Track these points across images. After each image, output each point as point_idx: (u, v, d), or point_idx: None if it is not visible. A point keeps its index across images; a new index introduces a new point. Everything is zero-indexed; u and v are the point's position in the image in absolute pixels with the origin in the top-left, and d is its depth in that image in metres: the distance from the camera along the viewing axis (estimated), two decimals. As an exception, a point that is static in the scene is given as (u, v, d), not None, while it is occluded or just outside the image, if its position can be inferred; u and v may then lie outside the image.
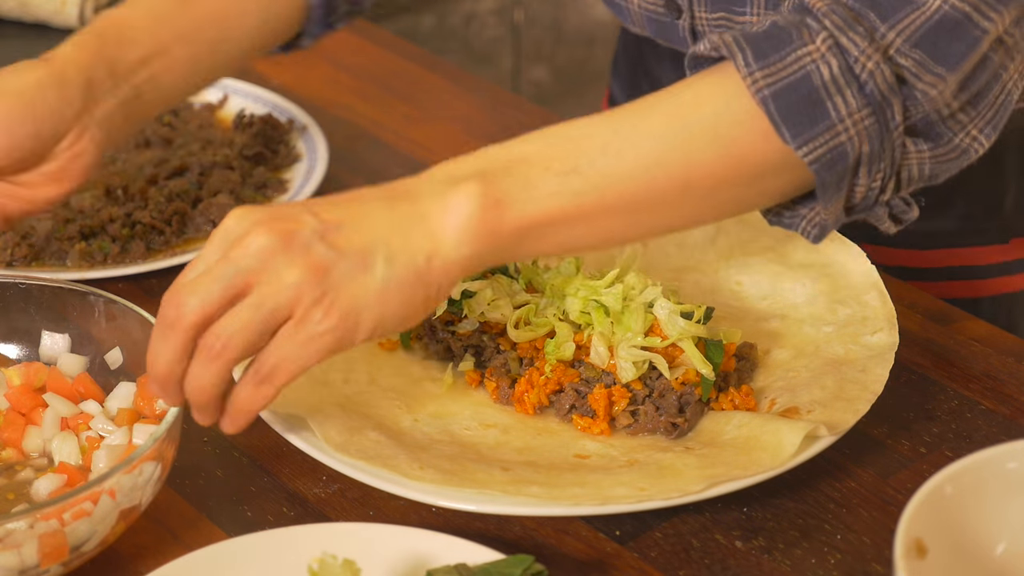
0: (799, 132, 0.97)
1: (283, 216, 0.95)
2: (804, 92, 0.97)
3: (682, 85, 1.01)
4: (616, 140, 0.99)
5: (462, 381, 1.14)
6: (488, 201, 0.96)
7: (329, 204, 0.97)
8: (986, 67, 1.00)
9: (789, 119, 0.97)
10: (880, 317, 1.13)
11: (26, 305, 1.10)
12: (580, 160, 0.98)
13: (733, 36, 0.99)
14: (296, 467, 1.06)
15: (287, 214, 0.95)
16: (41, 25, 1.74)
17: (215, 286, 0.93)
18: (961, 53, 0.98)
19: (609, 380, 1.09)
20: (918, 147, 1.00)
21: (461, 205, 0.96)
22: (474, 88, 1.58)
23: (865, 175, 1.00)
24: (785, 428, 1.02)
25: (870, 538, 1.00)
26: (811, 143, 0.97)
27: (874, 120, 0.98)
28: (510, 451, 1.06)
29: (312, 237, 0.94)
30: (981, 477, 0.90)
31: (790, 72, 0.97)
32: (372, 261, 0.94)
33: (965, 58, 0.98)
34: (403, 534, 0.96)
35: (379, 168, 1.44)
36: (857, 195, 1.01)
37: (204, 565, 0.94)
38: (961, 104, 1.00)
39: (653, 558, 0.99)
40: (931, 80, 0.98)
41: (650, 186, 0.98)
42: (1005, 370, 1.14)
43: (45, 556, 0.93)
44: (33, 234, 1.31)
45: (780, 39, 0.98)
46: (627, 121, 1.00)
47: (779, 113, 0.97)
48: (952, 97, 0.99)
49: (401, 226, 0.96)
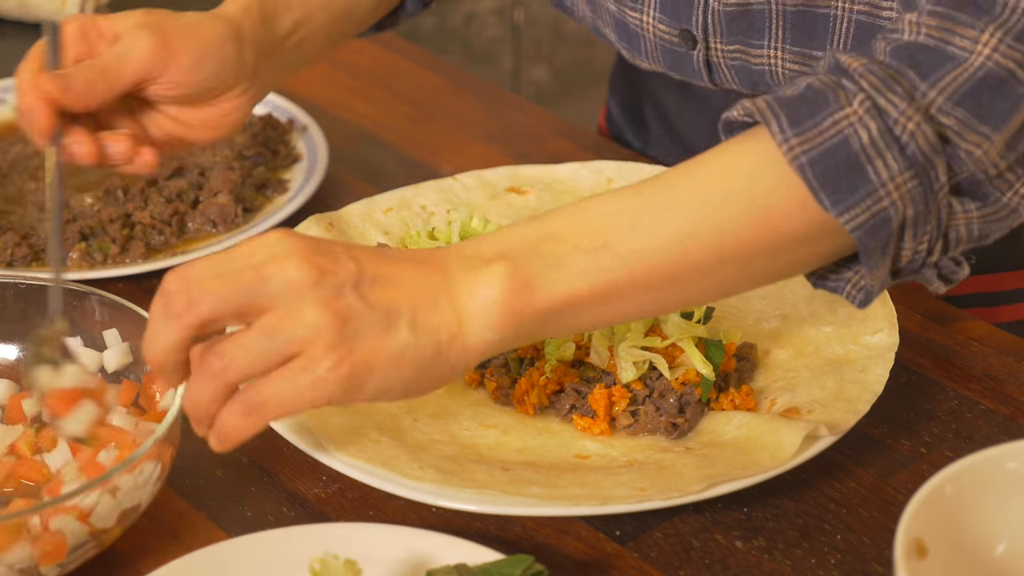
0: (840, 199, 0.93)
1: (325, 252, 0.92)
2: (843, 157, 0.93)
3: (714, 153, 0.98)
4: (647, 215, 0.95)
5: (462, 381, 1.14)
6: (516, 284, 0.93)
7: (370, 253, 0.94)
8: None
9: (828, 186, 0.93)
10: (880, 317, 1.13)
11: (26, 305, 1.10)
12: (610, 236, 0.95)
13: (767, 101, 0.96)
14: (296, 467, 1.06)
15: (330, 251, 0.93)
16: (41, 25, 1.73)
17: (234, 297, 0.90)
18: (1006, 111, 0.94)
19: (609, 380, 1.09)
20: (965, 207, 0.96)
21: (488, 288, 0.93)
22: (474, 88, 1.58)
23: (911, 238, 0.96)
24: (785, 428, 1.02)
25: (870, 538, 1.00)
26: (852, 210, 0.93)
27: (917, 183, 0.94)
28: (510, 451, 1.06)
29: (346, 282, 0.91)
30: (981, 477, 0.90)
31: (827, 137, 0.93)
32: (397, 323, 0.92)
33: (1011, 116, 0.94)
34: (403, 534, 0.96)
35: (379, 168, 1.44)
36: (903, 259, 0.97)
37: (204, 565, 0.94)
38: (1009, 164, 0.96)
39: (653, 558, 0.99)
40: (976, 140, 0.94)
41: (682, 259, 0.95)
42: (1005, 370, 1.14)
43: (44, 555, 0.93)
44: (33, 234, 1.31)
45: (816, 103, 0.94)
46: (657, 193, 0.97)
47: (817, 180, 0.93)
48: (999, 156, 0.95)
49: (432, 297, 0.93)
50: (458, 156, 1.45)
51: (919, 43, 0.95)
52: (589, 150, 1.44)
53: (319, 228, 1.21)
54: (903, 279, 1.00)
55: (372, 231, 1.24)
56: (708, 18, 1.20)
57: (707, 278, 0.97)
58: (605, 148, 1.45)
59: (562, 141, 1.47)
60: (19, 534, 0.92)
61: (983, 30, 0.94)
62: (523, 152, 1.45)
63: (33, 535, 0.93)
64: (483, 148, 1.46)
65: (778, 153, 0.94)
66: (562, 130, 1.49)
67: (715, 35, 1.21)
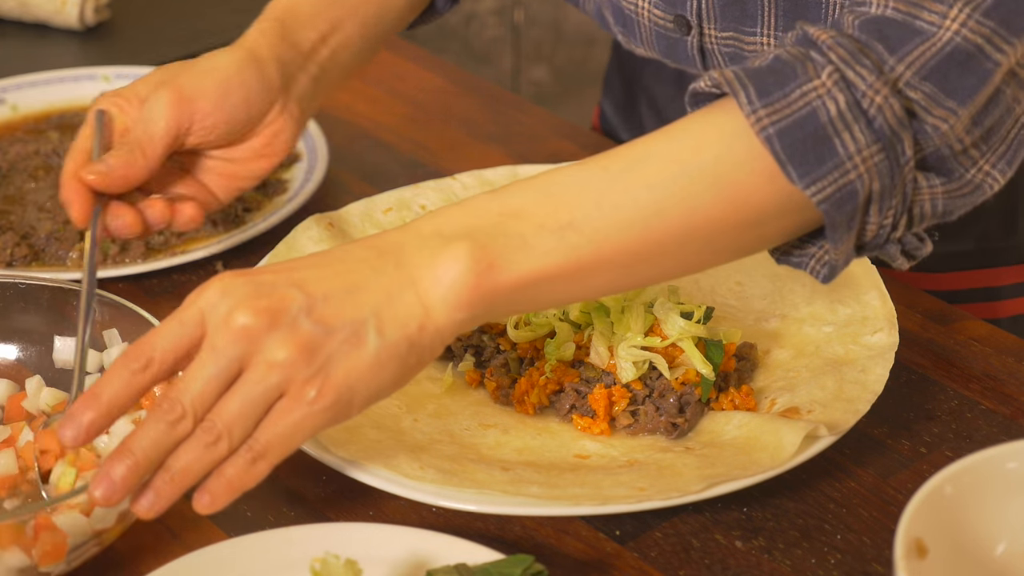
0: (806, 171, 0.93)
1: (267, 293, 0.91)
2: (811, 129, 0.93)
3: (680, 125, 0.97)
4: (612, 191, 0.95)
5: (462, 381, 1.14)
6: (480, 266, 0.92)
7: (314, 271, 0.93)
8: (999, 101, 0.96)
9: (795, 158, 0.93)
10: (880, 317, 1.13)
11: (26, 305, 1.10)
12: (575, 214, 0.94)
13: (735, 72, 0.95)
14: (296, 467, 1.06)
15: (271, 290, 0.91)
16: (41, 25, 1.74)
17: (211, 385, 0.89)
18: (973, 86, 0.94)
19: (609, 380, 1.09)
20: (930, 183, 0.97)
21: (451, 270, 0.92)
22: (474, 88, 1.58)
23: (876, 213, 0.96)
24: (785, 428, 1.02)
25: (870, 538, 1.00)
26: (820, 182, 0.93)
27: (884, 156, 0.94)
28: (510, 451, 1.06)
29: (299, 314, 0.90)
30: (981, 477, 0.90)
31: (796, 109, 0.93)
32: (364, 334, 0.91)
33: (977, 91, 0.94)
34: (403, 534, 0.96)
35: (379, 168, 1.44)
36: (868, 233, 0.97)
37: (204, 565, 0.94)
38: (974, 139, 0.97)
39: (653, 558, 0.99)
40: (942, 114, 0.94)
41: (648, 237, 0.95)
42: (1005, 370, 1.14)
43: (44, 555, 0.93)
44: (33, 234, 1.31)
45: (784, 74, 0.94)
46: (623, 168, 0.96)
47: (785, 152, 0.93)
48: (964, 132, 0.96)
49: (390, 294, 0.92)
50: (458, 156, 1.45)
51: (887, 17, 0.95)
52: (589, 150, 1.44)
53: (319, 228, 1.21)
54: (867, 254, 1.00)
55: (372, 231, 1.24)
56: (702, 4, 1.20)
57: (674, 254, 0.97)
58: (605, 147, 1.45)
59: (562, 141, 1.47)
60: (18, 534, 0.92)
61: (951, 5, 0.94)
62: (523, 152, 1.45)
63: (31, 535, 0.93)
64: (483, 148, 1.46)
65: (746, 125, 0.94)
66: (562, 130, 1.49)
67: (709, 21, 1.21)
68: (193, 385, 0.90)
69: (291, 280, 0.92)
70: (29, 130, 1.49)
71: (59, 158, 1.43)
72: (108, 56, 1.66)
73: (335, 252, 0.96)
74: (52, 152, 1.44)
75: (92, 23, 1.73)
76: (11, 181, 1.40)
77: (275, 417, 0.91)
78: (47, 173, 1.41)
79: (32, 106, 1.54)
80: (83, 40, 1.72)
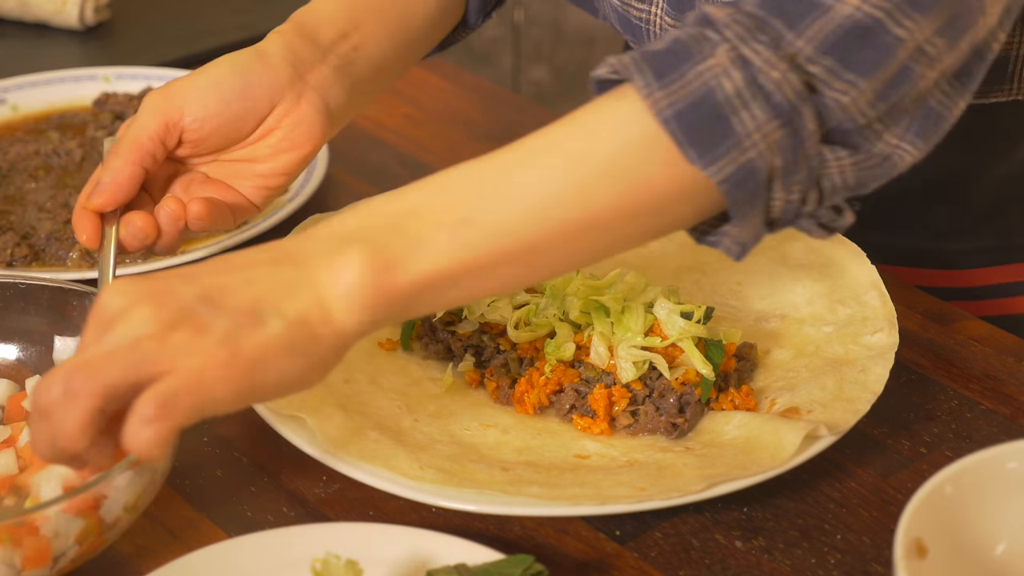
0: (704, 151, 0.92)
1: (159, 289, 0.89)
2: (707, 109, 0.91)
3: (578, 113, 0.96)
4: (508, 185, 0.93)
5: (462, 381, 1.14)
6: (377, 266, 0.90)
7: (209, 272, 0.92)
8: (906, 77, 0.94)
9: (693, 139, 0.91)
10: (880, 317, 1.13)
11: (26, 305, 1.10)
12: (472, 209, 0.92)
13: (632, 56, 0.94)
14: (296, 467, 1.06)
15: (164, 284, 0.90)
16: (41, 25, 1.74)
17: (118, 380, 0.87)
18: (874, 60, 0.93)
19: (609, 380, 1.09)
20: (837, 155, 0.95)
21: (348, 272, 0.90)
22: (474, 88, 1.58)
23: (781, 189, 0.94)
24: (785, 428, 1.02)
25: (870, 538, 1.00)
26: (718, 162, 0.92)
27: (784, 132, 0.92)
28: (510, 451, 1.06)
29: (193, 302, 0.88)
30: (981, 477, 0.90)
31: (692, 89, 0.91)
32: (265, 317, 0.89)
33: (879, 65, 0.93)
34: (403, 534, 0.96)
35: (379, 168, 1.44)
36: (775, 209, 0.96)
37: (204, 565, 0.94)
38: (879, 113, 0.95)
39: (653, 558, 0.99)
40: (842, 87, 0.93)
41: (547, 228, 0.93)
42: (1005, 370, 1.15)
43: (27, 560, 0.92)
44: (33, 234, 1.31)
45: (680, 55, 0.93)
46: (520, 161, 0.95)
47: (683, 133, 0.91)
48: (868, 105, 0.94)
49: (289, 289, 0.90)
50: (458, 156, 1.43)
51: None
52: (589, 150, 1.44)
53: (319, 228, 1.21)
54: (779, 229, 0.98)
55: (372, 231, 1.24)
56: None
57: (576, 244, 0.95)
58: (605, 148, 1.45)
59: (562, 141, 1.47)
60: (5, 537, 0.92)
61: None
62: (523, 152, 1.45)
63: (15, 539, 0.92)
64: (483, 148, 1.45)
65: (644, 108, 0.92)
66: (562, 130, 1.49)
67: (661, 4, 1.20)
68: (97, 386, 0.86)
69: (183, 278, 0.91)
70: (29, 130, 1.49)
71: (59, 158, 1.43)
72: (108, 56, 1.67)
73: (232, 257, 0.94)
74: (52, 152, 1.44)
75: (92, 23, 1.73)
76: (11, 181, 1.41)
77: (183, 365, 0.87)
78: (47, 173, 1.41)
79: (32, 106, 1.54)
80: (83, 40, 1.72)
